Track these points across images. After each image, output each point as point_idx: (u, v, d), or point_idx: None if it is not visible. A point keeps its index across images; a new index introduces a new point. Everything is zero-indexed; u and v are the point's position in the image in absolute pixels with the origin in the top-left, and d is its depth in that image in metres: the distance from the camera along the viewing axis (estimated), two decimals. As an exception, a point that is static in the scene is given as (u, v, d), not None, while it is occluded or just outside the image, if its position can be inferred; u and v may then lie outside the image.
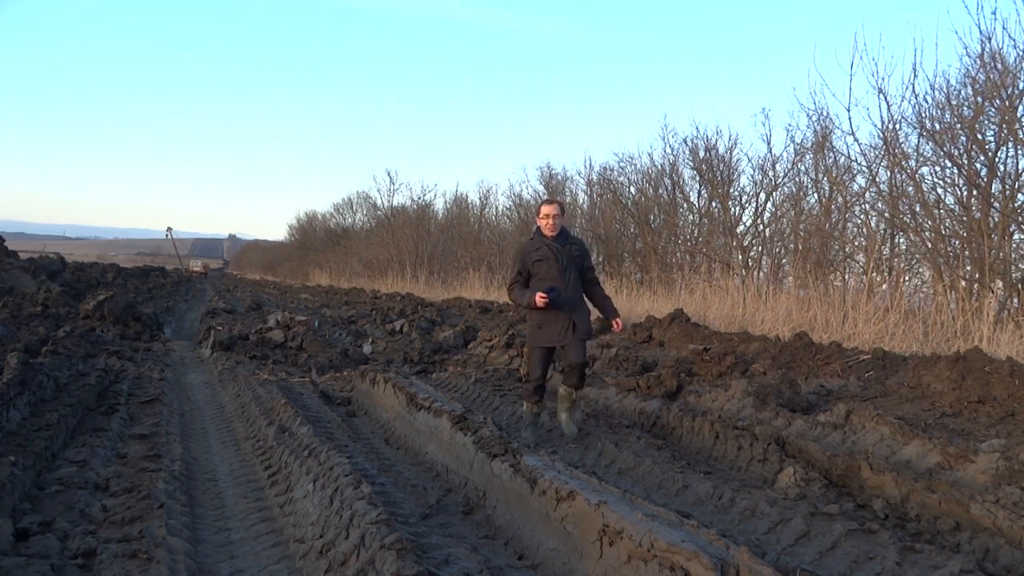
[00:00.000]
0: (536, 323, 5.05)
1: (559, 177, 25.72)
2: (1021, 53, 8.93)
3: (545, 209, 5.09)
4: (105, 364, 7.51)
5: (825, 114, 13.45)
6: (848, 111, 13.18)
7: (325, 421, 5.62)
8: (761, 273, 14.97)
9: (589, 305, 5.22)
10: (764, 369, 6.85)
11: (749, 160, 22.23)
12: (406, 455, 4.94)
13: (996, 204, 9.40)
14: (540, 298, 4.76)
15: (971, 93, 9.62)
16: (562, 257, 4.98)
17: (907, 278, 11.18)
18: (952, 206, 10.29)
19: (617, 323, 5.17)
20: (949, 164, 10.10)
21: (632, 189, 20.12)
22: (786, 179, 15.70)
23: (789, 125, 21.22)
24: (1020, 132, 9.14)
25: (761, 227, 16.31)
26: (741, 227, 16.61)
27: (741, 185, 17.23)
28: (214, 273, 56.01)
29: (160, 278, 26.28)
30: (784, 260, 14.81)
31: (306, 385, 7.42)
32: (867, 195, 12.16)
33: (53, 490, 3.64)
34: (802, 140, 14.47)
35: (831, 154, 13.07)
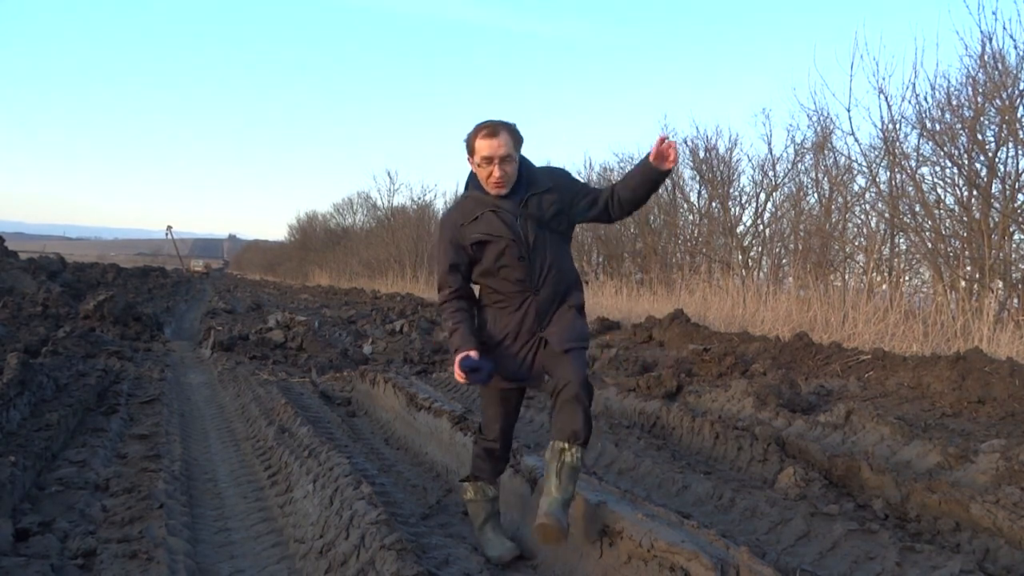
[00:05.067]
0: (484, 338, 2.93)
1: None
2: (1022, 53, 8.94)
3: (483, 145, 2.74)
4: (105, 364, 7.50)
5: (825, 114, 13.37)
6: (848, 111, 13.13)
7: (325, 421, 5.62)
8: (761, 273, 14.97)
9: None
10: (764, 369, 6.86)
11: (749, 160, 22.23)
12: (406, 455, 4.94)
13: (996, 204, 9.40)
14: (458, 374, 2.77)
15: (971, 93, 9.63)
16: (524, 230, 2.81)
17: (907, 278, 11.19)
18: (952, 206, 10.29)
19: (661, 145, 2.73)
20: (949, 164, 10.10)
21: (632, 189, 20.10)
22: (786, 179, 15.69)
23: (789, 125, 21.22)
24: (1020, 132, 9.14)
25: (761, 227, 16.31)
26: (741, 227, 16.60)
27: (741, 185, 17.21)
28: (215, 273, 56.01)
29: (160, 278, 26.25)
30: (784, 260, 14.80)
31: (306, 385, 7.42)
32: (867, 195, 12.16)
33: (53, 490, 3.64)
34: (802, 140, 14.46)
35: (831, 154, 13.06)
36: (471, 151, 2.80)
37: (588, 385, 2.83)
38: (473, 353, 2.77)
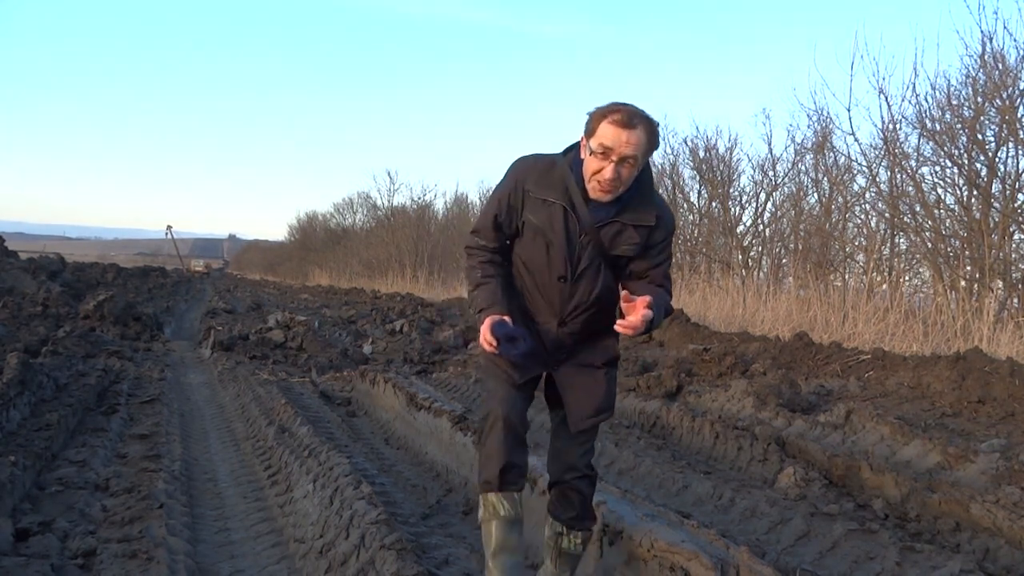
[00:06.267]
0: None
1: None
2: (1022, 53, 8.94)
3: (608, 133, 2.14)
4: (105, 364, 7.50)
5: (825, 114, 13.35)
6: (848, 111, 13.12)
7: (325, 421, 5.62)
8: (761, 273, 14.96)
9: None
10: (764, 369, 6.85)
11: (749, 160, 22.21)
12: (406, 455, 4.94)
13: (996, 204, 9.40)
14: (485, 341, 2.23)
15: (971, 93, 9.63)
16: (579, 253, 2.29)
17: (907, 278, 11.19)
18: (952, 206, 10.30)
19: (626, 324, 2.13)
20: (949, 164, 10.10)
21: (632, 189, 20.11)
22: (786, 179, 15.68)
23: (789, 125, 21.21)
24: (1020, 132, 9.15)
25: (761, 227, 16.31)
26: (741, 227, 16.59)
27: (741, 185, 17.19)
28: (215, 273, 56.05)
29: (160, 278, 26.23)
30: (784, 260, 14.80)
31: (306, 385, 7.42)
32: (867, 195, 12.16)
33: (53, 490, 3.64)
34: (802, 140, 14.45)
35: (831, 154, 13.06)
36: (590, 131, 2.21)
37: (592, 474, 2.48)
38: (507, 318, 2.25)
